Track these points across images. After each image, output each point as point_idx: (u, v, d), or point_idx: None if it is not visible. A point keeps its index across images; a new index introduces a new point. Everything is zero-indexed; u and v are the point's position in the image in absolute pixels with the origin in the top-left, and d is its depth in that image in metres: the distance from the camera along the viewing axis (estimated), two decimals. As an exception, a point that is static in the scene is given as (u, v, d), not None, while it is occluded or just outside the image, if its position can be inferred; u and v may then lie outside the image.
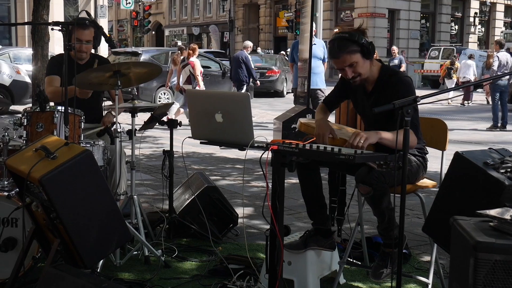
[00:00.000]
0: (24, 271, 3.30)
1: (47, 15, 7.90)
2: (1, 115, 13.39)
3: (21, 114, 3.93)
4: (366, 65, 3.42)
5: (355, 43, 3.35)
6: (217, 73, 17.80)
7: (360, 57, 3.37)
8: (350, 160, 2.77)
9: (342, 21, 33.32)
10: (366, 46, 3.35)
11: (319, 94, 9.75)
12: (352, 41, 3.35)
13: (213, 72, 17.86)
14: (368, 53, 3.38)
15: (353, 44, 3.36)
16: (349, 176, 3.97)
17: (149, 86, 15.58)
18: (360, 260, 3.96)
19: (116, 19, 54.74)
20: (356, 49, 3.36)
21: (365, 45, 3.35)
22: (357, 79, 3.44)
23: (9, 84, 13.73)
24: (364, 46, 3.35)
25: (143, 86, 15.19)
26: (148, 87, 15.60)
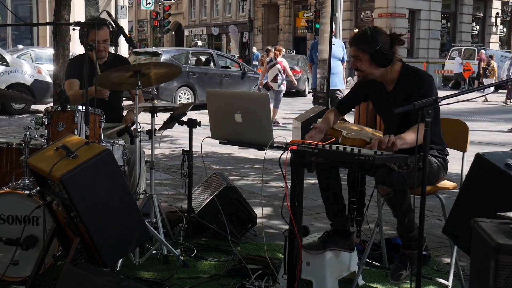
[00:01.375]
0: (44, 269, 3.33)
1: (68, 15, 7.98)
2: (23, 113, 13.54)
3: (42, 114, 3.97)
4: (373, 69, 3.41)
5: (369, 44, 3.34)
6: (237, 73, 17.85)
7: (368, 59, 3.37)
8: (369, 161, 2.75)
9: (362, 21, 33.15)
10: (379, 54, 3.34)
11: (338, 95, 9.72)
12: (368, 41, 3.34)
13: (233, 72, 17.93)
14: (377, 61, 3.36)
15: (367, 44, 3.35)
16: (368, 177, 3.95)
17: (169, 86, 15.72)
18: (379, 261, 3.94)
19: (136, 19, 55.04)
20: (367, 50, 3.36)
21: (378, 53, 3.34)
22: (359, 73, 3.49)
23: (30, 83, 13.88)
24: (376, 53, 3.34)
25: (163, 86, 15.36)
26: (168, 87, 15.74)
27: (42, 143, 3.90)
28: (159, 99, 15.82)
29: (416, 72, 3.47)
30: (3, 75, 13.67)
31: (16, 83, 13.73)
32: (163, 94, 15.58)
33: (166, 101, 14.47)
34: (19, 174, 3.91)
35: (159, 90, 15.26)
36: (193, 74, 16.58)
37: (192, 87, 16.18)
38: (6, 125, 11.72)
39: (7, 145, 4.02)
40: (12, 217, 3.56)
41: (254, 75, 18.19)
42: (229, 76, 17.48)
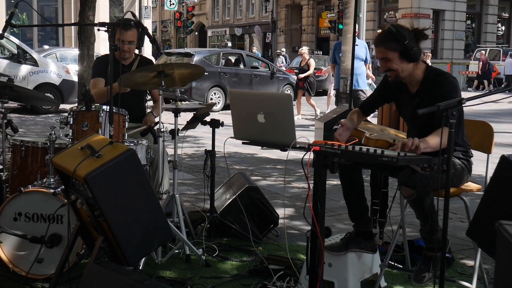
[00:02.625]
0: (68, 267, 3.37)
1: (93, 16, 8.06)
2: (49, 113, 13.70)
3: (67, 113, 4.01)
4: (404, 66, 3.37)
5: (397, 41, 3.31)
6: (265, 74, 17.98)
7: (397, 56, 3.33)
8: (393, 162, 2.74)
9: (385, 22, 32.92)
10: (408, 49, 3.30)
11: (361, 95, 9.69)
12: (396, 38, 3.32)
13: (262, 72, 18.13)
14: (407, 56, 3.33)
15: (395, 41, 3.32)
16: (391, 178, 3.93)
17: (201, 86, 16.05)
18: (401, 263, 3.92)
19: (160, 20, 55.34)
20: (396, 47, 3.32)
21: (407, 48, 3.30)
22: (390, 73, 3.42)
23: (59, 83, 14.07)
24: (405, 48, 3.31)
25: (196, 86, 15.89)
26: (200, 87, 16.05)
27: (67, 143, 3.95)
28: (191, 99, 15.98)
29: (440, 74, 3.44)
30: (32, 75, 13.87)
31: (45, 82, 13.92)
32: (196, 95, 15.95)
33: (198, 101, 15.19)
34: (44, 173, 3.96)
35: (191, 90, 15.78)
36: (224, 74, 16.84)
37: (223, 87, 16.39)
38: (32, 124, 11.86)
39: (33, 144, 4.07)
40: (37, 215, 3.61)
41: (282, 75, 18.42)
42: (259, 76, 17.70)
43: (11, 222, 3.62)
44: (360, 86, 9.81)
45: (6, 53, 14.29)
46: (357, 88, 9.56)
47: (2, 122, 4.19)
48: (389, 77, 3.45)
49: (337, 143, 3.02)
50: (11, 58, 14.03)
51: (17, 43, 14.25)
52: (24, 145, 4.07)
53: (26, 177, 4.05)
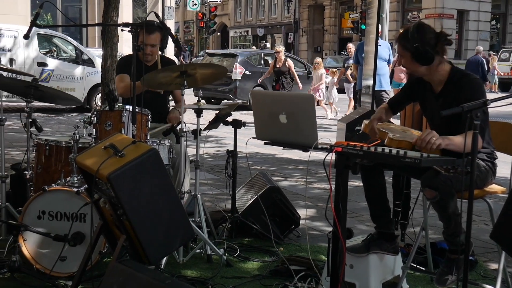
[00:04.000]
0: (91, 265, 3.40)
1: (116, 16, 8.12)
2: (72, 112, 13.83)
3: (91, 113, 4.05)
4: (415, 67, 3.40)
5: (409, 43, 3.32)
6: (302, 74, 18.22)
7: (410, 57, 3.37)
8: (416, 163, 2.71)
9: (408, 22, 32.69)
10: (418, 51, 3.31)
11: (384, 96, 9.63)
12: (408, 39, 3.32)
13: (300, 72, 18.30)
14: (419, 59, 3.33)
15: (408, 42, 3.33)
16: (413, 179, 3.90)
17: (245, 85, 16.56)
18: (424, 265, 3.89)
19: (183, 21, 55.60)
20: (408, 48, 3.34)
21: (418, 50, 3.31)
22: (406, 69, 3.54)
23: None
24: (416, 50, 3.31)
25: (240, 85, 16.54)
26: (244, 87, 16.55)
27: (90, 142, 3.98)
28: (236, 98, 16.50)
29: (465, 75, 3.42)
30: (89, 76, 14.26)
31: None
32: (240, 94, 16.66)
33: (242, 101, 16.24)
34: (68, 171, 3.99)
35: (236, 90, 16.62)
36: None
37: (265, 87, 16.62)
38: (55, 124, 11.99)
39: (57, 143, 4.11)
40: (61, 213, 3.64)
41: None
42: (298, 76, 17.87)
43: (35, 220, 3.66)
44: (383, 86, 9.76)
45: (63, 55, 14.55)
46: (380, 88, 9.50)
47: (26, 121, 4.24)
48: (405, 73, 3.51)
49: (359, 144, 3.00)
50: (68, 59, 14.31)
51: (74, 44, 14.57)
52: (48, 144, 4.11)
53: (50, 176, 4.09)
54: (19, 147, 8.40)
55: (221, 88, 16.87)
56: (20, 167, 4.64)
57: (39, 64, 13.95)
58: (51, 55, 14.40)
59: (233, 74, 16.55)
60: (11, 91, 4.63)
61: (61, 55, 14.66)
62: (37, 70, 13.82)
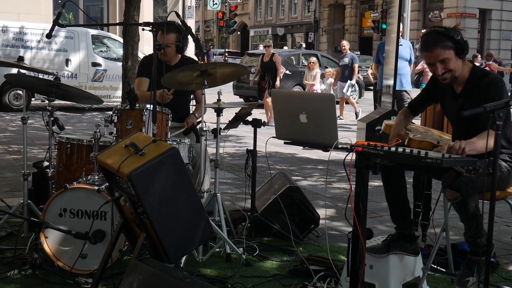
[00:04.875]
0: (111, 263, 3.42)
1: (137, 16, 8.16)
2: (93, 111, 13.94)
3: (112, 112, 4.07)
4: (459, 64, 3.35)
5: (450, 39, 3.28)
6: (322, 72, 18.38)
7: (453, 54, 3.31)
8: (437, 164, 2.69)
9: (430, 22, 32.48)
10: (461, 43, 3.28)
11: (405, 96, 9.58)
12: (448, 36, 3.28)
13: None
14: (461, 52, 3.31)
15: (448, 40, 3.29)
16: (434, 180, 3.87)
17: (285, 85, 16.92)
18: (444, 267, 3.86)
19: (203, 20, 55.74)
20: (451, 46, 3.29)
21: (460, 43, 3.28)
22: (447, 75, 3.36)
23: None
24: (459, 44, 3.28)
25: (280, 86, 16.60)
26: (285, 86, 16.86)
27: (111, 140, 4.01)
28: None
29: (486, 75, 3.38)
30: None
31: None
32: None
33: None
34: (89, 170, 4.03)
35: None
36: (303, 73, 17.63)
37: (304, 87, 17.04)
38: (77, 122, 12.09)
39: (78, 141, 4.15)
40: (82, 211, 3.67)
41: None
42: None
43: (57, 218, 3.69)
44: (404, 86, 9.70)
45: (113, 55, 14.72)
46: (401, 88, 9.44)
47: (48, 120, 4.28)
48: (445, 79, 3.39)
49: (380, 144, 2.99)
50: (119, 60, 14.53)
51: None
52: (69, 143, 4.15)
53: (71, 174, 4.12)
54: (41, 145, 8.49)
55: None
56: (42, 165, 4.69)
57: (93, 64, 14.30)
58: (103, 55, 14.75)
59: None
60: (34, 90, 4.68)
61: (111, 56, 14.93)
62: (92, 70, 14.17)
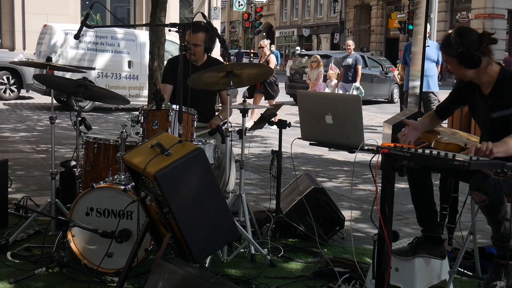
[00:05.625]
0: (137, 262, 3.44)
1: (164, 17, 8.21)
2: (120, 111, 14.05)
3: (138, 112, 4.10)
4: (463, 71, 3.35)
5: (453, 48, 3.26)
6: (380, 74, 19.08)
7: (456, 62, 3.31)
8: (464, 166, 2.66)
9: (457, 22, 32.14)
10: (464, 56, 3.25)
11: (431, 97, 9.49)
12: (451, 45, 3.27)
13: (374, 72, 19.26)
14: (466, 63, 3.27)
15: (452, 48, 3.28)
16: (461, 182, 3.83)
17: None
18: (471, 270, 3.81)
19: (228, 21, 55.90)
20: (453, 54, 3.29)
21: (463, 55, 3.25)
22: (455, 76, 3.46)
23: None
24: (461, 55, 3.25)
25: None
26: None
27: (137, 140, 4.04)
28: None
29: None
30: None
31: None
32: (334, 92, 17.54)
33: None
34: (116, 169, 4.06)
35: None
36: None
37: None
38: (103, 122, 12.20)
39: (105, 141, 4.19)
40: (108, 210, 3.71)
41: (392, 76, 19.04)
42: (376, 76, 19.09)
43: (83, 217, 3.73)
44: (431, 87, 9.60)
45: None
46: (427, 90, 9.36)
47: (76, 120, 4.33)
48: (455, 78, 3.43)
49: (406, 146, 2.97)
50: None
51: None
52: (96, 143, 4.19)
53: (98, 173, 4.16)
54: (68, 145, 8.59)
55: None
56: (70, 164, 4.74)
57: None
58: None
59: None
60: (62, 90, 4.74)
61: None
62: None
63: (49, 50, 13.56)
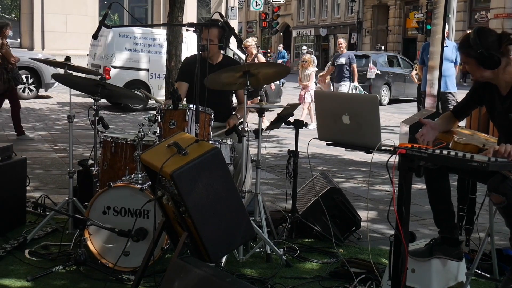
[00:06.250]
0: (153, 261, 3.46)
1: (181, 16, 8.24)
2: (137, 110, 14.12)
3: (155, 111, 4.12)
4: (482, 72, 3.32)
5: (472, 49, 3.24)
6: (407, 74, 19.34)
7: (475, 63, 3.28)
8: (482, 167, 2.64)
9: (476, 22, 31.86)
10: (483, 57, 3.23)
11: (449, 98, 9.42)
12: (471, 46, 3.24)
13: (406, 72, 19.84)
14: (485, 64, 3.24)
15: (471, 49, 3.25)
16: (479, 183, 3.80)
17: (377, 83, 19.06)
18: (489, 272, 3.78)
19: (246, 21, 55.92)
20: (471, 54, 3.26)
21: (483, 56, 3.23)
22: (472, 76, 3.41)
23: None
24: (481, 56, 3.23)
25: (373, 83, 19.11)
26: (376, 84, 18.99)
27: (154, 140, 4.06)
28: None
29: None
30: None
31: None
32: (374, 90, 18.92)
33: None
34: (133, 168, 4.08)
35: (370, 87, 18.69)
36: (390, 74, 19.97)
37: (390, 86, 19.71)
38: (120, 122, 12.27)
39: (122, 140, 4.21)
40: (125, 209, 3.73)
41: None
42: (408, 76, 19.33)
43: (101, 216, 3.76)
44: (449, 88, 9.54)
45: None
46: (445, 90, 9.30)
47: (94, 119, 4.36)
48: (472, 79, 3.39)
49: (424, 146, 2.95)
50: None
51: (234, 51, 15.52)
52: (114, 142, 4.21)
53: (115, 172, 4.19)
54: (86, 144, 8.65)
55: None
56: (87, 163, 4.77)
57: None
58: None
59: (368, 73, 18.80)
60: (80, 89, 4.77)
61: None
62: None
63: (105, 52, 14.02)
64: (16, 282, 3.53)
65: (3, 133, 9.74)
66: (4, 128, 10.36)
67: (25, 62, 15.06)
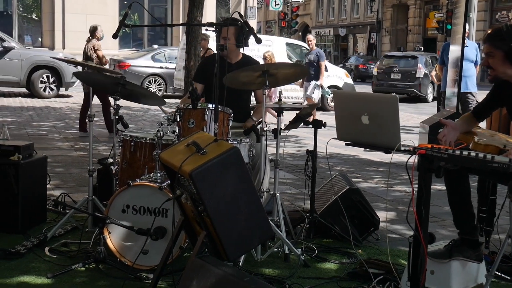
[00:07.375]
0: (172, 259, 3.47)
1: (200, 16, 8.27)
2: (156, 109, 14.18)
3: (174, 111, 4.14)
4: (505, 67, 3.29)
5: (504, 41, 3.20)
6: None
7: (502, 56, 3.23)
8: (504, 168, 2.62)
9: (497, 22, 31.55)
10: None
11: (470, 98, 9.34)
12: (503, 38, 3.20)
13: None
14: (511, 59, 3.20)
15: (502, 40, 3.21)
16: (499, 185, 3.77)
17: (425, 82, 20.08)
18: (509, 274, 3.75)
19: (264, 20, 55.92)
20: (502, 47, 3.21)
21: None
22: (490, 72, 3.36)
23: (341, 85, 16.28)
24: (510, 51, 3.19)
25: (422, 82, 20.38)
26: (424, 83, 20.05)
27: (173, 139, 4.07)
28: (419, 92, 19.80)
29: None
30: None
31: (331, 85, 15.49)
32: (422, 89, 20.17)
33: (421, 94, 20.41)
34: (152, 167, 4.10)
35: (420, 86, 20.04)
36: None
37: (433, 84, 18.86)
38: (140, 121, 12.33)
39: (142, 139, 4.23)
40: (144, 208, 3.75)
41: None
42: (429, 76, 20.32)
43: (120, 214, 3.78)
44: (469, 88, 9.46)
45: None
46: (465, 90, 9.22)
47: (114, 118, 4.39)
48: (489, 75, 3.35)
49: (444, 147, 2.93)
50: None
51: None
52: (133, 141, 4.24)
53: (134, 171, 4.21)
54: (105, 143, 8.71)
55: (405, 83, 20.67)
56: (107, 162, 4.80)
57: None
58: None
59: (417, 72, 20.21)
60: (101, 88, 4.81)
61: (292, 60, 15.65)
62: None
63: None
64: (36, 279, 3.57)
65: (24, 132, 9.84)
66: (25, 127, 10.46)
67: (46, 62, 15.21)
